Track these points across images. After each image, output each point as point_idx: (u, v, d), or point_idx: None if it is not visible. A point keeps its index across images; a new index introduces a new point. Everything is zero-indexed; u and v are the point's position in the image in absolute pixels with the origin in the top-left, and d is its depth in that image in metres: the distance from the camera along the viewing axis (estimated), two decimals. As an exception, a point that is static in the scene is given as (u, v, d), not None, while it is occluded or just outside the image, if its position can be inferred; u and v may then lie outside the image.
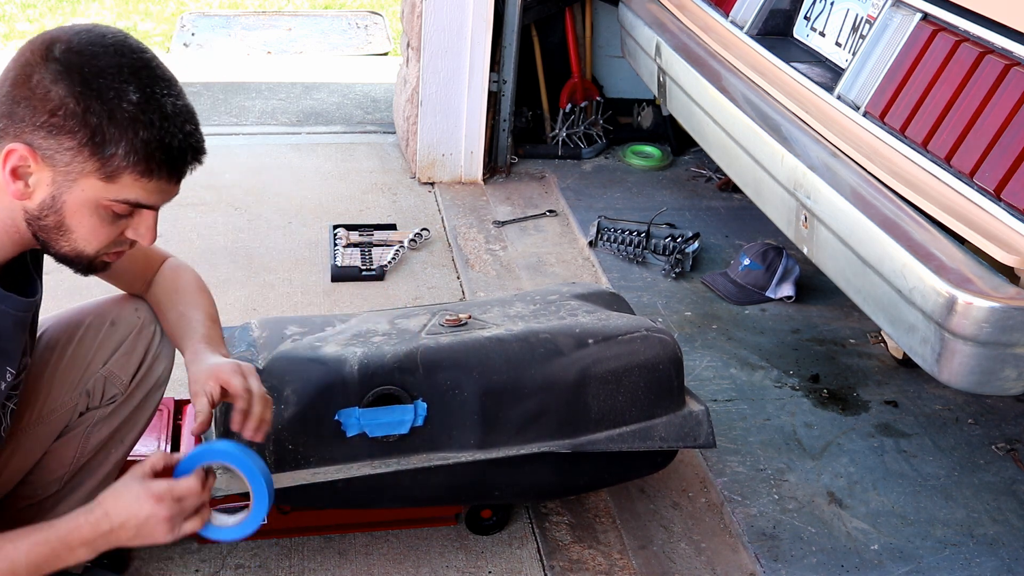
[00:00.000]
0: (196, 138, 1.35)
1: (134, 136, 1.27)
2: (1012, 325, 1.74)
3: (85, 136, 1.27)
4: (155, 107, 1.29)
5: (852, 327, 2.94)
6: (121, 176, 1.30)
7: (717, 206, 3.67)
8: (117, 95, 1.27)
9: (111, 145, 1.27)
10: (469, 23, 3.52)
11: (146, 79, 1.30)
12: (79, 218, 1.34)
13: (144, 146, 1.28)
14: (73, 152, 1.28)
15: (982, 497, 2.30)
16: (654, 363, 1.95)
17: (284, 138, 4.10)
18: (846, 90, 2.37)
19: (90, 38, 1.30)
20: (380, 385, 1.82)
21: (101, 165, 1.29)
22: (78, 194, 1.31)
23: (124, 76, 1.28)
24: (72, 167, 1.29)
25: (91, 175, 1.30)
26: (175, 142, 1.31)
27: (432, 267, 3.20)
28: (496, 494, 1.96)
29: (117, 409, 1.74)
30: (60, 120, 1.26)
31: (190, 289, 1.72)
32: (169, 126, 1.30)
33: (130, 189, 1.32)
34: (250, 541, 2.04)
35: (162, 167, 1.31)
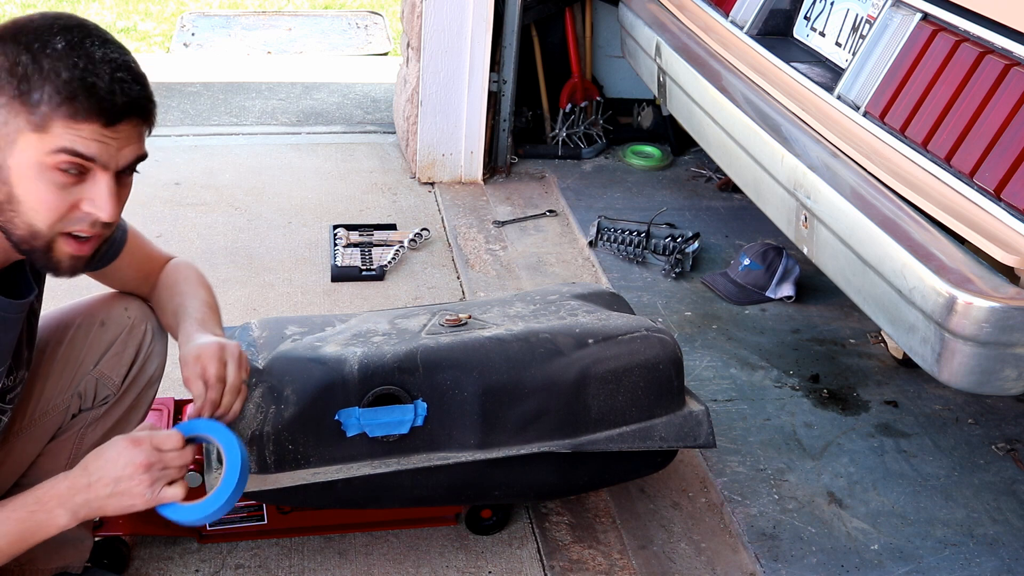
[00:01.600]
0: (130, 86, 1.29)
1: (56, 77, 1.24)
2: (1012, 325, 1.74)
3: (12, 88, 1.25)
4: (81, 52, 1.26)
5: (852, 327, 2.94)
6: (51, 124, 1.26)
7: (717, 206, 3.67)
8: (42, 45, 1.26)
9: (36, 91, 1.25)
10: (469, 23, 3.52)
11: (77, 33, 1.28)
12: (25, 184, 1.29)
13: (66, 85, 1.24)
14: (6, 109, 1.26)
15: (982, 497, 2.30)
16: (654, 363, 1.95)
17: (284, 138, 4.10)
18: (846, 90, 2.37)
19: (43, 15, 1.30)
20: (380, 385, 1.82)
21: (30, 114, 1.25)
22: (19, 156, 1.27)
23: (54, 31, 1.27)
24: (9, 126, 1.27)
25: (24, 130, 1.26)
26: (101, 83, 1.26)
27: (432, 267, 3.20)
28: (496, 494, 1.96)
29: (110, 410, 1.74)
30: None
31: (189, 282, 1.71)
32: (95, 68, 1.26)
33: (62, 136, 1.26)
34: (250, 541, 2.04)
35: (89, 107, 1.26)
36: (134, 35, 5.77)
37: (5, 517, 1.37)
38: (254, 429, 1.76)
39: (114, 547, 1.94)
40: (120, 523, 1.96)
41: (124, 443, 1.37)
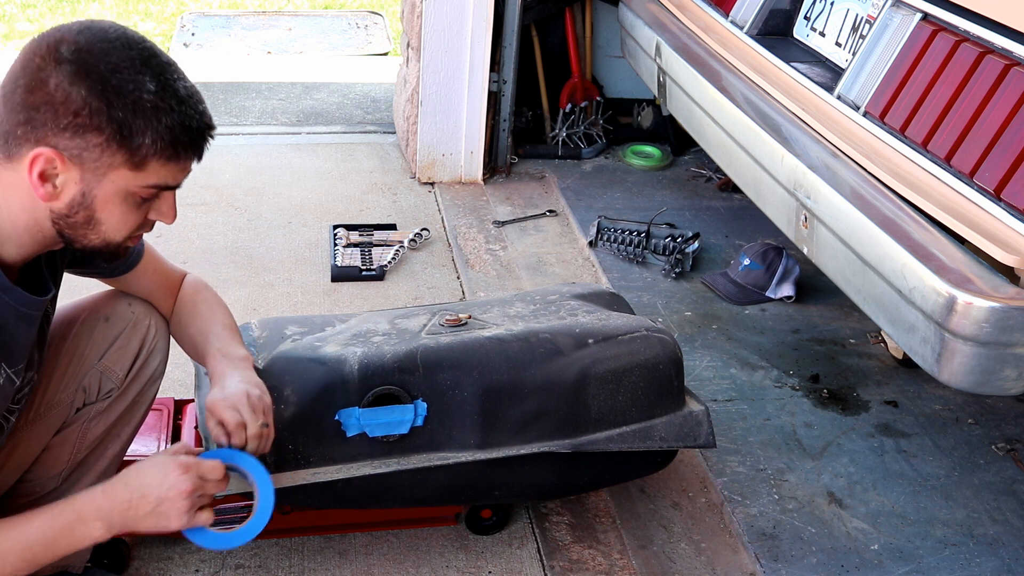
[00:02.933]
0: (208, 115, 1.40)
1: (158, 123, 1.32)
2: (1012, 325, 1.74)
3: (112, 131, 1.31)
4: (171, 93, 1.34)
5: (852, 327, 2.94)
6: (149, 163, 1.34)
7: (717, 206, 3.67)
8: (136, 87, 1.31)
9: (138, 135, 1.32)
10: (469, 23, 3.52)
11: (157, 68, 1.34)
12: (109, 209, 1.38)
13: (169, 131, 1.33)
14: (101, 148, 1.32)
15: (982, 497, 2.30)
16: (654, 363, 1.95)
17: (284, 138, 4.10)
18: (846, 90, 2.37)
19: (94, 35, 1.32)
20: (380, 385, 1.82)
21: (130, 156, 1.33)
22: (108, 187, 1.35)
23: (138, 68, 1.32)
24: (102, 161, 1.33)
25: (120, 167, 1.34)
26: (194, 123, 1.36)
27: (432, 267, 3.20)
28: (496, 494, 1.96)
29: (113, 404, 1.74)
30: (86, 119, 1.30)
31: (208, 303, 1.78)
32: (187, 108, 1.35)
33: (158, 174, 1.36)
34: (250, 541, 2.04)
35: (187, 148, 1.37)
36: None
37: (43, 528, 1.40)
38: (254, 429, 1.76)
39: (114, 547, 1.94)
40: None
41: (172, 466, 1.42)
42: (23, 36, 5.58)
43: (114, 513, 1.41)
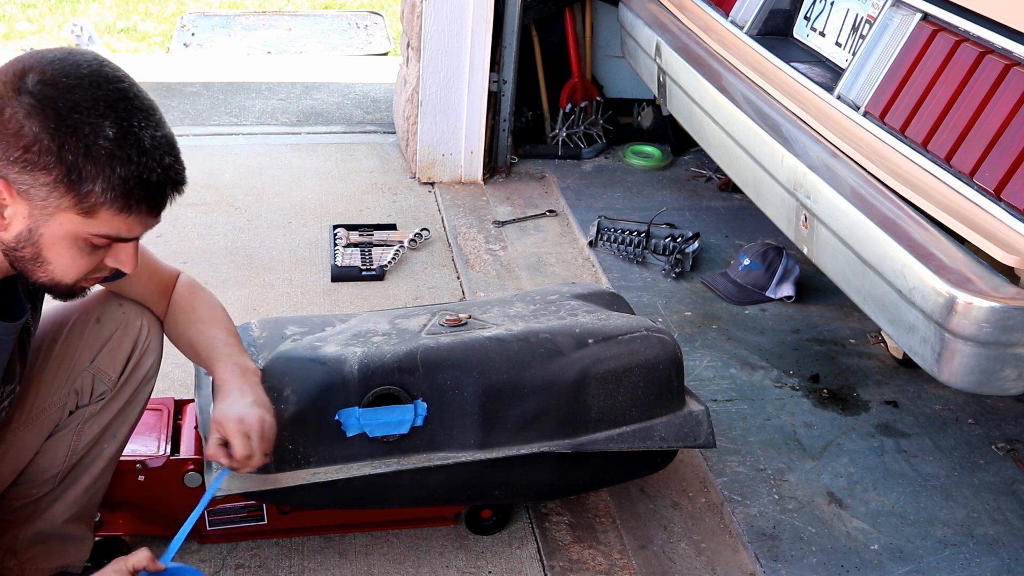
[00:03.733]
0: (175, 170, 1.32)
1: (111, 173, 1.25)
2: (1012, 325, 1.74)
3: (61, 173, 1.24)
4: (132, 142, 1.26)
5: (852, 327, 2.94)
6: (99, 211, 1.28)
7: (717, 206, 3.67)
8: (93, 130, 1.24)
9: (88, 182, 1.25)
10: (469, 23, 3.52)
11: (123, 112, 1.26)
12: (57, 250, 1.32)
13: (122, 183, 1.26)
14: (49, 188, 1.25)
15: (982, 497, 2.30)
16: (654, 363, 1.95)
17: (284, 138, 4.10)
18: (846, 90, 2.37)
19: (64, 68, 1.25)
20: (380, 385, 1.82)
21: (78, 201, 1.26)
22: (55, 228, 1.29)
23: (100, 110, 1.25)
24: (49, 202, 1.27)
25: (68, 210, 1.27)
26: (153, 177, 1.28)
27: (432, 267, 3.20)
28: (496, 494, 1.96)
29: (107, 405, 1.74)
30: (35, 156, 1.23)
31: (205, 306, 1.76)
32: (147, 161, 1.27)
33: (109, 224, 1.30)
34: (250, 541, 2.04)
35: (141, 203, 1.29)
36: (134, 35, 5.77)
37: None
38: (254, 429, 1.76)
39: (114, 547, 1.94)
40: (120, 523, 1.96)
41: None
42: (23, 36, 5.58)
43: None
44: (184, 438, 2.03)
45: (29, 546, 1.76)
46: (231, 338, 1.73)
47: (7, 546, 1.75)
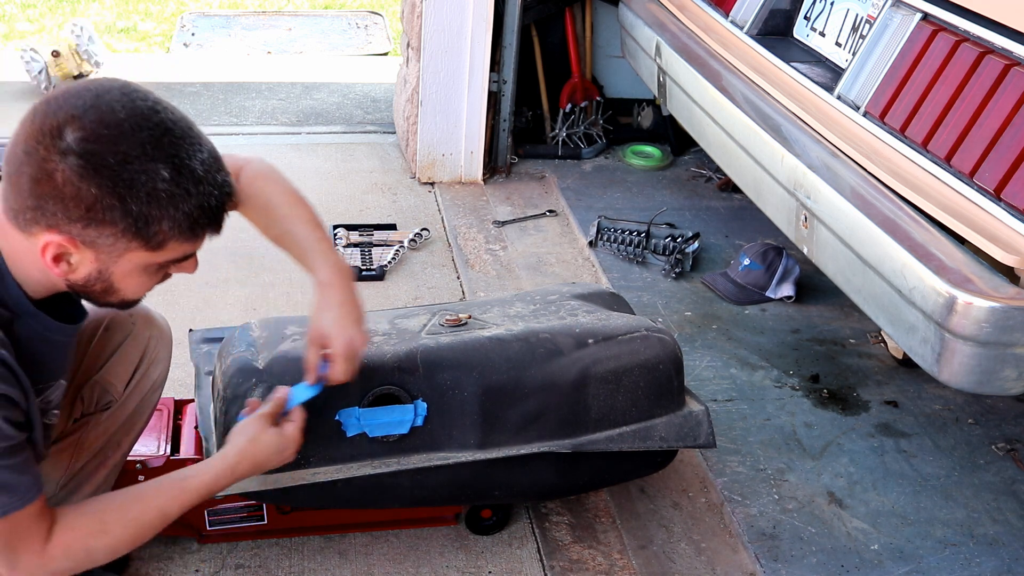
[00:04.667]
0: (227, 184, 1.35)
1: (175, 211, 1.28)
2: (1012, 325, 1.74)
3: (127, 224, 1.26)
4: (187, 175, 1.28)
5: (852, 327, 2.94)
6: (167, 244, 1.31)
7: (717, 206, 3.67)
8: (150, 178, 1.25)
9: (154, 224, 1.28)
10: (469, 23, 3.52)
11: (170, 147, 1.26)
12: (127, 281, 1.36)
13: (187, 217, 1.29)
14: (116, 236, 1.28)
15: (982, 497, 2.30)
16: (654, 363, 1.95)
17: (284, 138, 4.10)
18: (846, 90, 2.37)
19: (100, 117, 1.23)
20: (380, 385, 1.82)
21: (146, 241, 1.29)
22: (125, 265, 1.32)
23: (149, 153, 1.24)
24: (116, 247, 1.29)
25: (137, 249, 1.30)
26: (212, 201, 1.31)
27: (432, 267, 3.20)
28: (496, 494, 1.96)
29: (112, 414, 1.74)
30: (99, 214, 1.25)
31: (283, 202, 1.72)
32: (204, 188, 1.30)
33: (177, 250, 1.34)
34: (250, 541, 2.04)
35: (206, 227, 1.34)
36: (134, 35, 5.77)
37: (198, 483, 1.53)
38: (254, 429, 1.76)
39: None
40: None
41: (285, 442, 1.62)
42: (23, 36, 5.58)
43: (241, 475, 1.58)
44: (184, 438, 2.03)
45: None
46: (316, 231, 1.69)
47: None
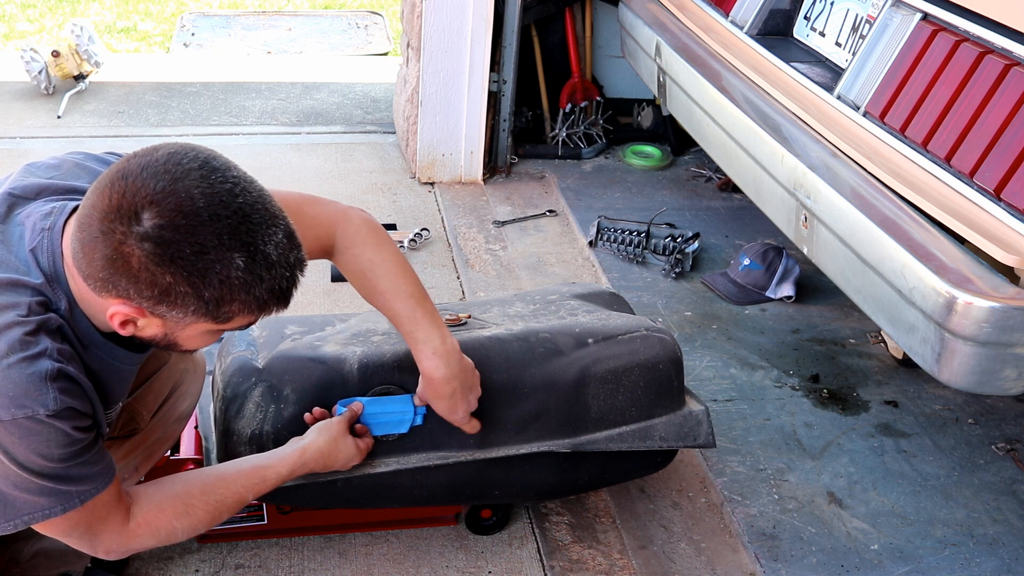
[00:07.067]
0: (299, 261, 1.33)
1: (246, 295, 1.28)
2: (1012, 325, 1.74)
3: (199, 307, 1.28)
4: (261, 261, 1.27)
5: (852, 327, 2.94)
6: (235, 318, 1.32)
7: (717, 206, 3.67)
8: (224, 267, 1.25)
9: (225, 306, 1.28)
10: (469, 23, 3.52)
11: (246, 235, 1.25)
12: (192, 341, 1.38)
13: (257, 300, 1.30)
14: (186, 314, 1.29)
15: (982, 497, 2.30)
16: (654, 363, 1.95)
17: (284, 138, 4.10)
18: (846, 90, 2.37)
19: (179, 204, 1.22)
20: (379, 384, 1.82)
21: (215, 318, 1.30)
22: (191, 331, 1.34)
23: (226, 243, 1.24)
24: (185, 320, 1.31)
25: (205, 323, 1.32)
26: (283, 284, 1.31)
27: (432, 267, 3.20)
28: (495, 494, 1.96)
29: (135, 442, 1.75)
30: (171, 298, 1.26)
31: (384, 272, 1.69)
32: (276, 271, 1.29)
33: (244, 321, 1.34)
34: (250, 541, 2.04)
35: (274, 306, 1.33)
36: (134, 35, 5.77)
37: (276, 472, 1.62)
38: (254, 428, 1.77)
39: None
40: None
41: (354, 450, 1.73)
42: (23, 36, 5.58)
43: (309, 471, 1.69)
44: (184, 438, 2.03)
45: (32, 557, 1.75)
46: (417, 311, 1.69)
47: (10, 556, 1.75)
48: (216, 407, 1.85)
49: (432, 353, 1.70)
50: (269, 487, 1.62)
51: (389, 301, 1.69)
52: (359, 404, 1.77)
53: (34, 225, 1.37)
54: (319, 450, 1.68)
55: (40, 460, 1.31)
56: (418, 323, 1.69)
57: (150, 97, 4.39)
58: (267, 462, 1.63)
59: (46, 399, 1.28)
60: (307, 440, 1.69)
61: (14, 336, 1.29)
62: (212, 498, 1.53)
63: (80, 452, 1.35)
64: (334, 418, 1.73)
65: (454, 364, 1.72)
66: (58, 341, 1.33)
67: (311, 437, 1.69)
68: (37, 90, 4.32)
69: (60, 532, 1.42)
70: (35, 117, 4.10)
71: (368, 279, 1.69)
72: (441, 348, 1.70)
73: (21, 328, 1.30)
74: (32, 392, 1.28)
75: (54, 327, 1.33)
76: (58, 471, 1.33)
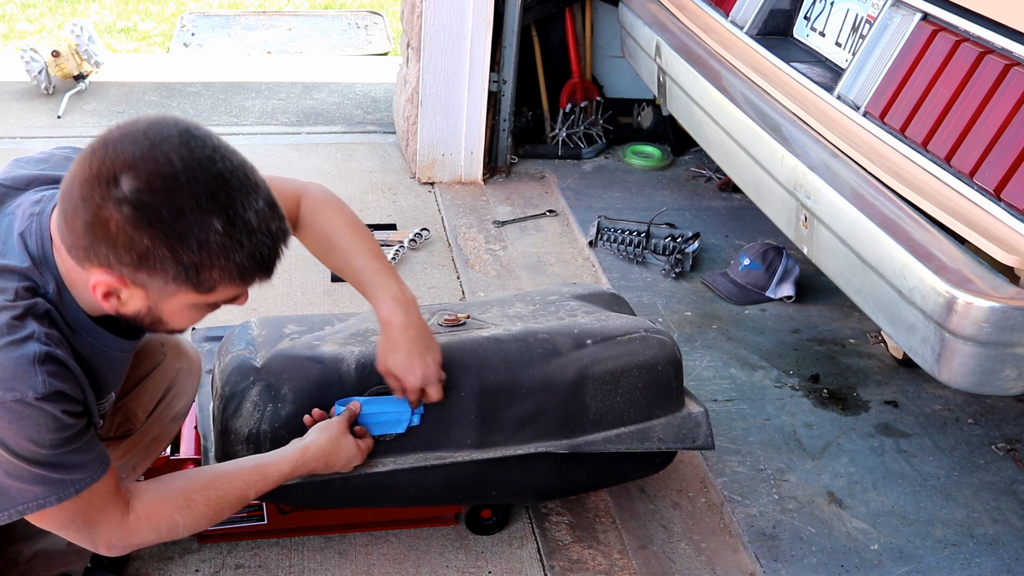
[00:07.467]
0: (281, 232, 1.33)
1: (226, 261, 1.28)
2: (1012, 325, 1.74)
3: (178, 272, 1.27)
4: (241, 226, 1.27)
5: (852, 327, 2.93)
6: (218, 287, 1.31)
7: (717, 206, 3.67)
8: (202, 229, 1.25)
9: (204, 272, 1.28)
10: (469, 23, 3.52)
11: (225, 199, 1.26)
12: (177, 316, 1.36)
13: (237, 267, 1.29)
14: (166, 281, 1.28)
15: (982, 497, 2.30)
16: (653, 364, 1.95)
17: (284, 138, 4.10)
18: (846, 90, 2.37)
19: (157, 168, 1.23)
20: (377, 384, 1.82)
21: (197, 287, 1.30)
22: (174, 304, 1.33)
23: (204, 205, 1.24)
24: (167, 290, 1.30)
25: (187, 292, 1.31)
26: (264, 251, 1.31)
27: (432, 267, 3.20)
28: (493, 494, 1.95)
29: (130, 442, 1.75)
30: (150, 262, 1.26)
31: (342, 232, 1.73)
32: (257, 238, 1.29)
33: (227, 293, 1.34)
34: (250, 541, 2.04)
35: (256, 275, 1.33)
36: (134, 35, 5.77)
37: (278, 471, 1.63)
38: (251, 427, 1.77)
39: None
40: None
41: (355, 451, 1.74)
42: (22, 36, 5.58)
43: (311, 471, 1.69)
44: (184, 438, 2.03)
45: (31, 558, 1.75)
46: (375, 262, 1.72)
47: (9, 558, 1.74)
48: (215, 406, 1.85)
49: (391, 298, 1.70)
50: (271, 484, 1.62)
51: (348, 257, 1.71)
52: (357, 404, 1.77)
53: (24, 212, 1.37)
54: (320, 449, 1.68)
55: (31, 446, 1.30)
56: (377, 273, 1.71)
57: (150, 97, 4.39)
58: (269, 460, 1.64)
59: (34, 382, 1.28)
60: (309, 439, 1.69)
61: (1, 321, 1.29)
62: (213, 493, 1.53)
63: (71, 439, 1.34)
64: (334, 418, 1.73)
65: (412, 314, 1.71)
66: (46, 325, 1.33)
67: (312, 436, 1.70)
68: (37, 90, 4.32)
69: (58, 524, 1.41)
70: (35, 117, 4.10)
71: (329, 240, 1.73)
72: (400, 296, 1.71)
73: (8, 312, 1.30)
74: (20, 375, 1.28)
75: (41, 311, 1.33)
76: (49, 458, 1.32)
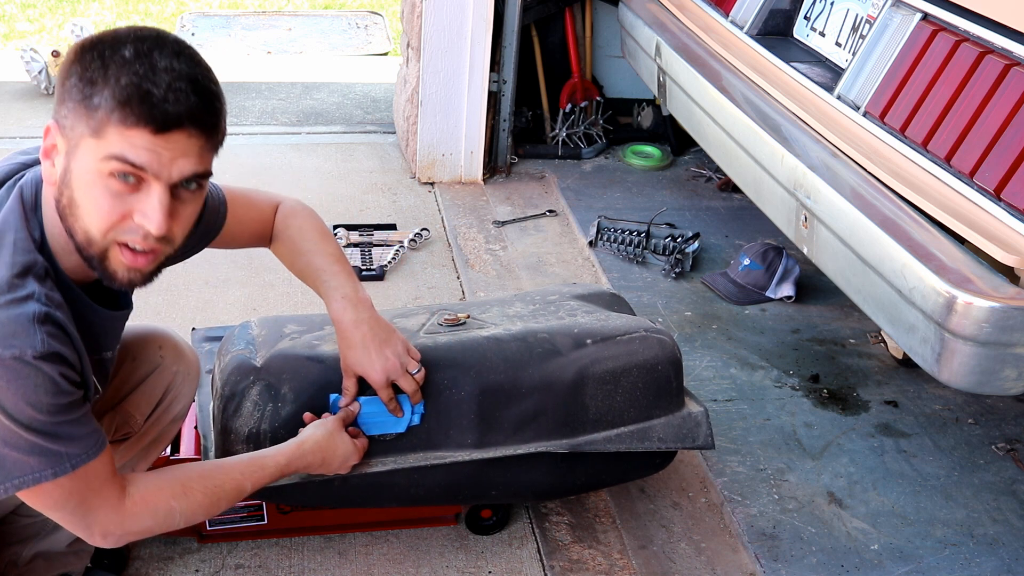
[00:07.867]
0: (186, 96, 1.30)
1: (115, 83, 1.26)
2: (1012, 325, 1.74)
3: (80, 92, 1.28)
4: (145, 60, 1.27)
5: (852, 327, 2.93)
6: (106, 129, 1.27)
7: (717, 206, 3.67)
8: (112, 53, 1.27)
9: (96, 95, 1.27)
10: (469, 23, 3.52)
11: (150, 42, 1.29)
12: (84, 190, 1.31)
13: (122, 91, 1.26)
14: (74, 112, 1.29)
15: (982, 497, 2.30)
16: (653, 364, 1.95)
17: (284, 138, 4.10)
18: (846, 90, 2.37)
19: (109, 32, 1.32)
20: (378, 384, 1.82)
21: (89, 118, 1.28)
22: (80, 162, 1.30)
23: (127, 40, 1.28)
24: (75, 132, 1.29)
25: (85, 135, 1.29)
26: (156, 91, 1.27)
27: (432, 267, 3.20)
28: (493, 494, 1.95)
29: (129, 445, 1.74)
30: (70, 84, 1.29)
31: (303, 236, 1.78)
32: (154, 76, 1.27)
33: (114, 143, 1.27)
34: (250, 541, 2.04)
35: (140, 113, 1.26)
36: (134, 35, 5.77)
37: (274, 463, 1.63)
38: (251, 427, 1.77)
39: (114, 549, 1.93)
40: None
41: (352, 451, 1.75)
42: (23, 36, 5.58)
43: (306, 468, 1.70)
44: (184, 438, 2.03)
45: (31, 560, 1.75)
46: (335, 264, 1.75)
47: (9, 560, 1.74)
48: (215, 405, 1.85)
49: (341, 297, 1.72)
50: (268, 477, 1.61)
51: (309, 258, 1.75)
52: (357, 405, 1.77)
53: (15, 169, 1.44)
54: (317, 443, 1.69)
55: (29, 410, 1.29)
56: (334, 275, 1.74)
57: (150, 97, 4.39)
58: (265, 454, 1.64)
59: (34, 340, 1.28)
60: (305, 434, 1.70)
61: (1, 277, 1.30)
62: (210, 482, 1.53)
63: (68, 407, 1.33)
64: (330, 416, 1.74)
65: (363, 312, 1.72)
66: (47, 287, 1.34)
67: (309, 431, 1.71)
68: (37, 90, 4.32)
69: (53, 504, 1.39)
70: (35, 117, 4.10)
71: (295, 243, 1.77)
72: (353, 295, 1.72)
73: (8, 269, 1.31)
74: (19, 332, 1.27)
75: (42, 272, 1.34)
76: (47, 426, 1.31)
